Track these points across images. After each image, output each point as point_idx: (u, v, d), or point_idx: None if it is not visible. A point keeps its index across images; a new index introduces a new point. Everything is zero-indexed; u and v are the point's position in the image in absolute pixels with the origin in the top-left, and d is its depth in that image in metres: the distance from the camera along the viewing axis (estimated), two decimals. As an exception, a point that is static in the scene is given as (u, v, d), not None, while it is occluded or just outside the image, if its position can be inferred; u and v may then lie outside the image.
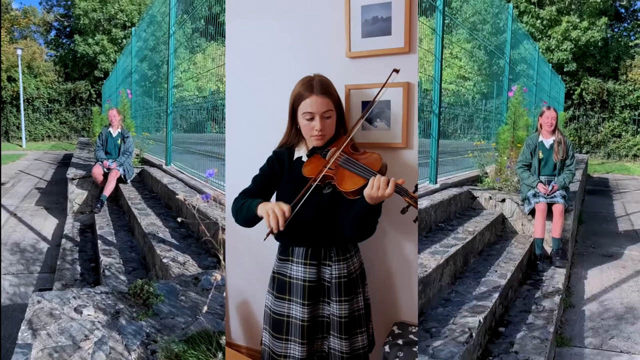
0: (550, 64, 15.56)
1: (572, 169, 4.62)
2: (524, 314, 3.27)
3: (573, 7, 19.61)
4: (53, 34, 26.68)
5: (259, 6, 2.28)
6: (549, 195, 4.49)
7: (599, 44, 20.11)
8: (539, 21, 19.75)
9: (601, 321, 3.73)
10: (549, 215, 4.45)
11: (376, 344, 2.07)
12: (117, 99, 11.11)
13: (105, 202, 6.12)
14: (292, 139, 1.91)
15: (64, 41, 25.93)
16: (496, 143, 6.26)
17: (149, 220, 4.39)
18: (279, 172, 1.90)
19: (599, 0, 19.29)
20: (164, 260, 3.19)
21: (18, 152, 17.77)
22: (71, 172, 6.92)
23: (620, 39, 21.57)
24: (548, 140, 4.63)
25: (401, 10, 1.99)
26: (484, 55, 9.49)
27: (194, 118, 7.17)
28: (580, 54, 20.10)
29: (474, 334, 2.43)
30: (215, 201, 3.98)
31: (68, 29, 25.75)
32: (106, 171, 6.38)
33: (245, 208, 1.77)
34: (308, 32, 2.18)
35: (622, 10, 22.67)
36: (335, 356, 1.88)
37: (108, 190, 6.17)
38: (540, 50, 13.58)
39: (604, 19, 19.61)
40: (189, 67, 7.81)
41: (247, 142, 2.32)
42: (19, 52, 20.78)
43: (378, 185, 1.58)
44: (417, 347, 2.04)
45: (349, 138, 1.79)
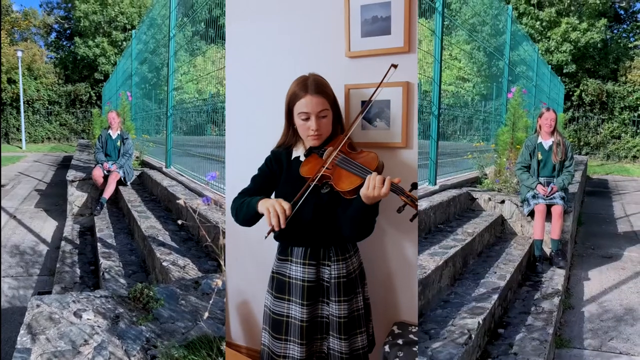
0: (550, 66, 15.58)
1: (571, 170, 4.62)
2: (523, 316, 3.27)
3: (572, 8, 19.63)
4: (53, 36, 26.74)
5: (258, 7, 2.29)
6: (548, 196, 4.50)
7: (599, 45, 20.13)
8: (538, 23, 19.76)
9: (600, 322, 3.73)
10: (548, 216, 4.45)
11: (377, 344, 2.07)
12: (117, 101, 11.10)
13: (105, 205, 6.12)
14: (289, 139, 1.91)
15: (64, 43, 25.95)
16: (495, 144, 6.26)
17: (148, 223, 4.38)
18: (277, 172, 1.90)
19: (598, 2, 19.31)
20: (164, 263, 3.18)
21: (18, 154, 17.78)
22: (71, 175, 6.91)
23: (619, 41, 21.58)
24: (547, 142, 4.63)
25: (400, 10, 2.00)
26: (484, 57, 9.50)
27: (194, 120, 7.17)
28: (579, 56, 20.11)
29: (473, 336, 2.43)
30: (215, 204, 3.98)
31: (68, 31, 25.77)
32: (106, 173, 6.38)
33: (246, 206, 1.77)
34: (307, 32, 2.18)
35: (622, 12, 22.68)
36: (334, 356, 1.88)
37: (108, 193, 6.17)
38: (540, 51, 13.58)
39: (603, 21, 19.63)
40: (189, 69, 7.82)
41: (247, 144, 2.32)
42: (19, 54, 20.80)
43: (374, 184, 1.58)
44: (417, 347, 2.04)
45: (346, 137, 1.79)
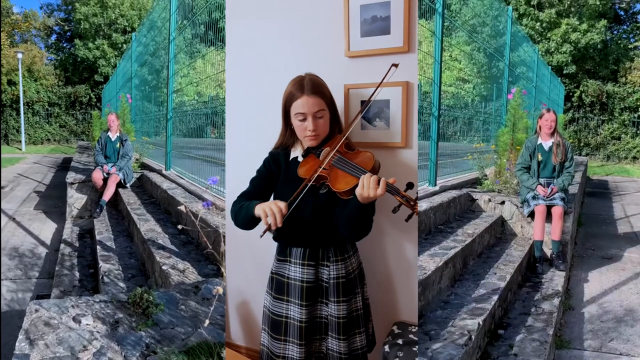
0: (550, 67, 15.58)
1: (571, 171, 4.62)
2: (523, 317, 3.26)
3: (572, 9, 19.64)
4: (53, 38, 26.75)
5: (258, 7, 2.28)
6: (548, 197, 4.49)
7: (599, 46, 20.13)
8: (538, 24, 19.77)
9: (600, 323, 3.72)
10: (549, 217, 4.44)
11: (377, 344, 2.07)
12: (117, 104, 11.12)
13: (105, 207, 6.11)
14: (287, 140, 1.90)
15: (65, 45, 25.97)
16: (495, 145, 6.26)
17: (148, 226, 4.35)
18: (275, 173, 1.89)
19: (598, 3, 19.32)
20: (164, 267, 3.16)
21: (17, 156, 17.78)
22: (70, 177, 6.91)
23: (619, 42, 21.59)
24: (547, 143, 4.62)
25: (400, 10, 1.99)
26: (484, 58, 9.51)
27: (193, 123, 7.16)
28: (579, 57, 20.12)
29: (473, 337, 2.42)
30: (216, 208, 3.96)
31: (68, 33, 25.79)
32: (106, 176, 6.37)
33: (244, 210, 1.76)
34: (307, 32, 2.18)
35: (622, 13, 22.70)
36: (333, 357, 1.88)
37: (107, 195, 6.16)
38: (540, 52, 13.58)
39: (603, 22, 19.64)
40: (188, 72, 7.82)
41: (247, 146, 2.31)
42: (20, 55, 20.81)
43: (368, 185, 1.57)
44: (417, 347, 2.03)
45: (344, 137, 1.78)
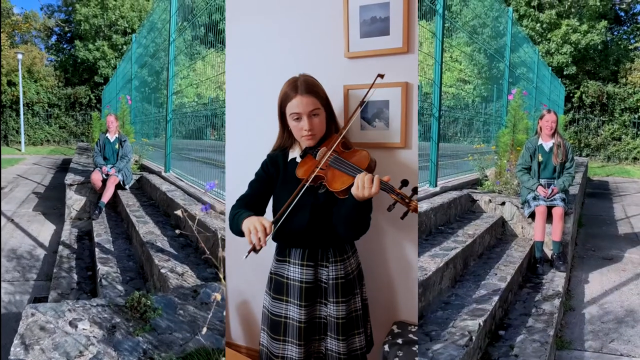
0: (550, 67, 15.59)
1: (571, 171, 4.61)
2: (524, 317, 3.25)
3: (573, 10, 19.65)
4: (54, 39, 26.77)
5: (258, 8, 2.28)
6: (548, 198, 4.47)
7: (599, 47, 20.14)
8: (538, 25, 19.77)
9: (601, 324, 3.71)
10: (549, 218, 4.43)
11: (376, 344, 2.06)
12: (116, 105, 11.11)
13: (104, 209, 6.10)
14: (285, 142, 1.90)
15: (65, 46, 25.99)
16: (496, 146, 6.25)
17: (147, 229, 4.33)
18: (274, 175, 1.89)
19: (598, 4, 19.33)
20: (162, 270, 3.14)
21: (17, 157, 17.77)
22: (69, 178, 6.90)
23: (619, 42, 21.60)
24: (548, 144, 4.61)
25: (399, 11, 1.98)
26: (484, 59, 9.52)
27: (193, 125, 7.16)
28: (580, 57, 20.12)
29: (473, 337, 2.41)
30: (215, 211, 3.94)
31: (69, 35, 25.81)
32: (105, 177, 6.35)
33: (235, 220, 1.76)
34: (306, 33, 2.17)
35: (622, 14, 22.72)
36: (332, 357, 1.87)
37: (106, 197, 6.14)
38: (540, 53, 13.58)
39: (603, 22, 19.64)
40: (188, 74, 7.82)
41: (247, 148, 2.30)
42: (20, 56, 20.81)
43: (363, 184, 1.58)
44: (416, 347, 2.02)
45: (341, 137, 1.78)
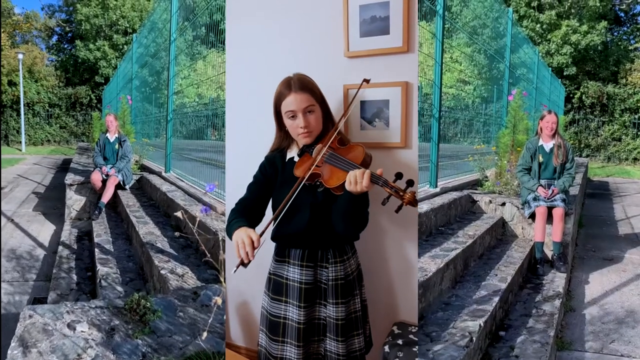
0: (550, 68, 15.59)
1: (572, 172, 4.61)
2: (524, 318, 3.26)
3: (573, 11, 19.64)
4: (55, 39, 26.73)
5: (258, 8, 2.27)
6: (549, 198, 4.48)
7: (599, 47, 20.13)
8: (538, 25, 19.77)
9: (602, 325, 3.71)
10: (549, 218, 4.44)
11: (376, 344, 2.06)
12: (117, 105, 11.11)
13: (103, 209, 6.09)
14: (282, 142, 1.90)
15: (65, 46, 25.96)
16: (496, 147, 6.25)
17: (147, 229, 4.31)
18: (272, 176, 1.88)
19: (598, 4, 19.33)
20: (162, 271, 3.12)
21: (17, 157, 17.76)
22: (69, 178, 6.89)
23: (619, 43, 21.60)
24: (548, 144, 4.61)
25: (399, 10, 1.98)
26: (484, 59, 9.52)
27: (194, 125, 7.16)
28: (580, 58, 20.12)
29: (474, 338, 2.41)
30: (215, 212, 3.94)
31: (69, 35, 25.79)
32: (104, 177, 6.34)
33: (229, 230, 1.76)
34: (306, 32, 2.17)
35: (622, 14, 22.71)
36: (331, 358, 1.87)
37: (106, 197, 6.13)
38: (540, 54, 13.59)
39: (603, 23, 19.64)
40: (189, 74, 7.82)
41: (248, 148, 2.29)
42: (20, 56, 20.79)
43: (355, 179, 1.58)
44: (417, 347, 2.02)
45: (335, 133, 1.77)
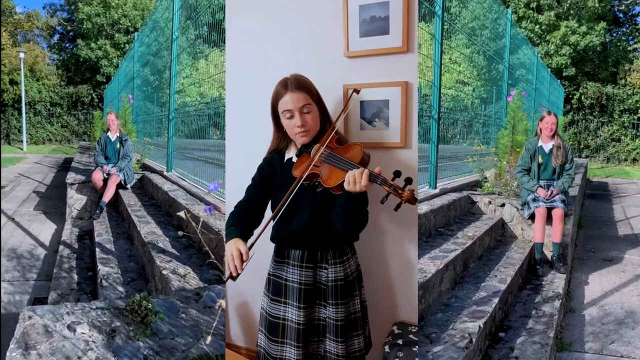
0: (549, 69, 15.60)
1: (571, 173, 4.62)
2: (524, 319, 3.27)
3: (572, 12, 19.66)
4: (56, 38, 26.71)
5: (258, 7, 2.28)
6: (548, 199, 4.49)
7: (598, 48, 20.15)
8: (537, 26, 19.79)
9: (601, 326, 3.72)
10: (549, 219, 4.45)
11: (376, 344, 2.07)
12: (118, 104, 11.11)
13: (105, 209, 6.08)
14: (280, 143, 1.91)
15: (67, 45, 25.96)
16: (495, 148, 6.27)
17: (148, 229, 4.30)
18: (271, 178, 1.88)
19: (597, 5, 19.34)
20: (164, 272, 3.10)
21: (18, 155, 17.76)
22: (70, 177, 6.88)
23: (618, 44, 21.61)
24: (547, 145, 4.63)
25: (399, 10, 1.99)
26: (483, 60, 9.52)
27: (195, 124, 7.16)
28: (579, 59, 20.13)
29: (473, 339, 2.43)
30: (219, 212, 3.95)
31: (71, 33, 25.76)
32: (106, 177, 6.34)
33: (226, 235, 1.77)
34: (306, 32, 2.18)
35: (621, 15, 22.73)
36: (331, 359, 1.87)
37: (107, 196, 6.13)
38: (539, 55, 13.61)
39: (602, 24, 19.66)
40: (191, 73, 7.81)
41: (248, 148, 2.30)
42: (22, 55, 20.80)
43: (354, 179, 1.58)
44: (417, 347, 2.03)
45: (332, 132, 1.77)
